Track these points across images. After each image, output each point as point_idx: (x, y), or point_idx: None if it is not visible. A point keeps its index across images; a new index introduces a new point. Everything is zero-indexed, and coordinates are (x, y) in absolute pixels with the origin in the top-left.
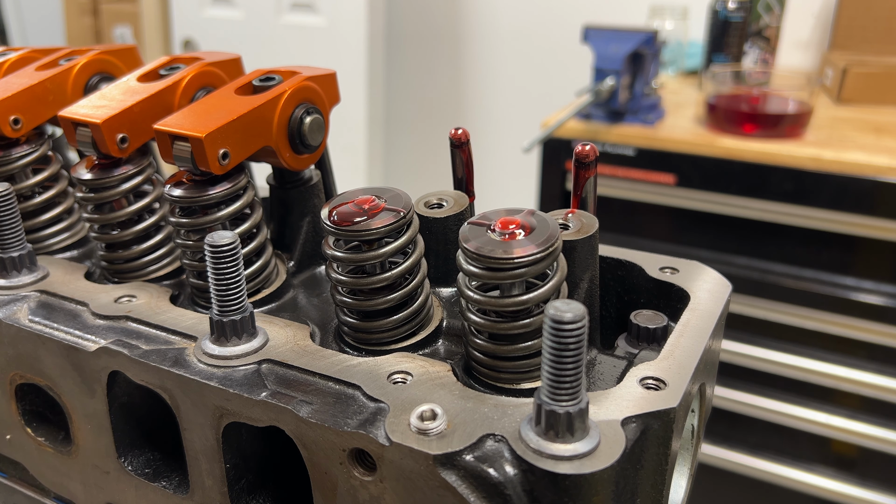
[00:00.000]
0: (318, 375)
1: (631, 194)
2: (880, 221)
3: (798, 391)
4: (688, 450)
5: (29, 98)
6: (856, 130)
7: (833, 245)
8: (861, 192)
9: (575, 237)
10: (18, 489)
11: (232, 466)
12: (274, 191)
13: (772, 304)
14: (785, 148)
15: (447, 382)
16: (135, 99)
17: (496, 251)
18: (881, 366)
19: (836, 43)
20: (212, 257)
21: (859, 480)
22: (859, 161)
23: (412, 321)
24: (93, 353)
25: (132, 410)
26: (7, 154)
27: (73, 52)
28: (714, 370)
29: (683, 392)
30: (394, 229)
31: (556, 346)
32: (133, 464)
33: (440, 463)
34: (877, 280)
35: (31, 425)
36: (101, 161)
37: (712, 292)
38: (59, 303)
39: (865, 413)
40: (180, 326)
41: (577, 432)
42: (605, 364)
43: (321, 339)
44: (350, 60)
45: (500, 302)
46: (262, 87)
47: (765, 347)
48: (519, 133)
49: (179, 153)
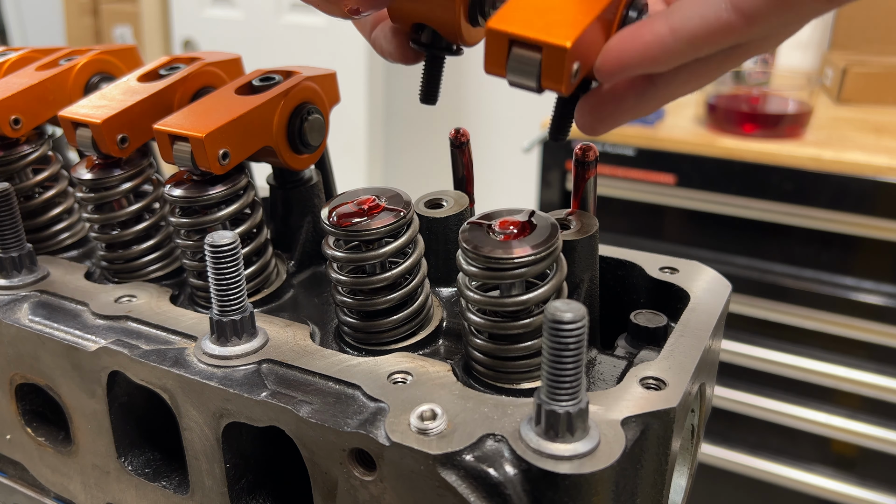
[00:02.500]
0: (318, 375)
1: (631, 194)
2: (880, 221)
3: (798, 391)
4: (688, 450)
5: (29, 98)
6: (856, 130)
7: (833, 245)
8: (861, 192)
9: (575, 237)
10: (18, 489)
11: (232, 466)
12: (274, 191)
13: (772, 304)
14: (785, 148)
15: (447, 382)
16: (135, 99)
17: (496, 251)
18: (881, 366)
19: (836, 43)
20: (212, 257)
21: (859, 480)
22: (859, 161)
23: (412, 321)
24: (93, 353)
25: (132, 410)
26: (7, 154)
27: (73, 52)
28: (714, 370)
29: (683, 392)
30: (394, 229)
31: (556, 346)
32: (133, 464)
33: (440, 463)
34: (877, 280)
35: (31, 425)
36: (101, 161)
37: (712, 292)
38: (59, 303)
39: (865, 413)
40: (180, 326)
41: (577, 432)
42: (605, 364)
43: (321, 339)
44: (350, 60)
45: (500, 302)
46: (262, 87)
47: (765, 347)
48: (519, 133)
49: (179, 153)
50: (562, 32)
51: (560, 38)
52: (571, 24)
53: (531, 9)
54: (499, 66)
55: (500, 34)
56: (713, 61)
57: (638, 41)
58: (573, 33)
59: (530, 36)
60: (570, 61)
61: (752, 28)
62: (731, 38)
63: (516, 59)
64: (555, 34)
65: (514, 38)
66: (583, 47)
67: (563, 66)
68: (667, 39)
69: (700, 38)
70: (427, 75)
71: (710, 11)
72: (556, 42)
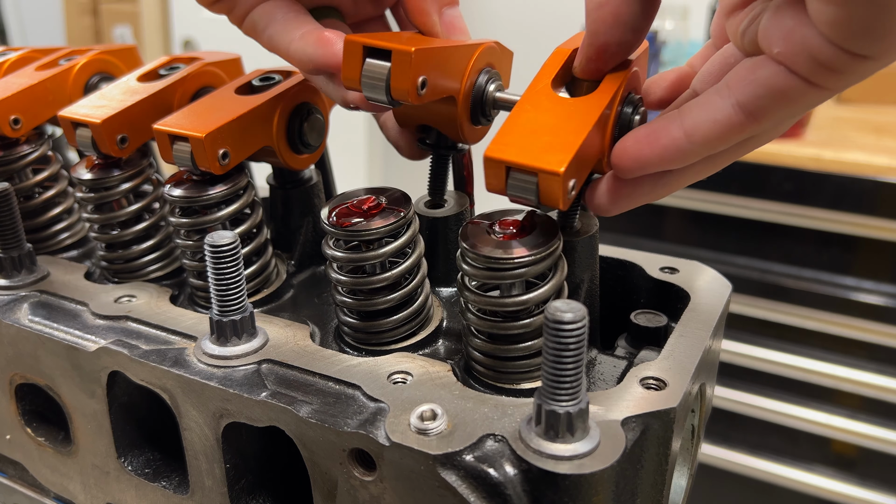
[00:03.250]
0: (318, 375)
1: None
2: (880, 221)
3: (798, 391)
4: (688, 450)
5: (29, 98)
6: (856, 130)
7: (833, 245)
8: (861, 192)
9: (575, 237)
10: (18, 489)
11: (232, 466)
12: (274, 191)
13: (772, 304)
14: (785, 148)
15: (447, 382)
16: (135, 99)
17: (496, 251)
18: (881, 366)
19: None
20: (212, 257)
21: (859, 480)
22: (859, 161)
23: (412, 321)
24: (93, 353)
25: (132, 410)
26: (7, 154)
27: (73, 52)
28: (714, 370)
29: (683, 392)
30: (394, 229)
31: (556, 346)
32: (133, 464)
33: (440, 463)
34: (877, 280)
35: (31, 425)
36: (101, 161)
37: (712, 292)
38: (59, 303)
39: (865, 413)
40: (180, 326)
41: (578, 432)
42: (605, 364)
43: (321, 339)
44: None
45: (500, 302)
46: (262, 87)
47: (765, 347)
48: None
49: (179, 153)
50: (555, 158)
51: (553, 163)
52: (565, 145)
53: (526, 131)
54: (499, 188)
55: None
56: (726, 153)
57: (656, 144)
58: (566, 157)
59: (525, 163)
60: (566, 183)
61: (759, 125)
62: (741, 136)
63: (515, 182)
64: (548, 160)
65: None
66: (579, 163)
67: (560, 188)
68: (682, 143)
69: (713, 139)
70: (434, 171)
71: (721, 115)
72: (550, 168)
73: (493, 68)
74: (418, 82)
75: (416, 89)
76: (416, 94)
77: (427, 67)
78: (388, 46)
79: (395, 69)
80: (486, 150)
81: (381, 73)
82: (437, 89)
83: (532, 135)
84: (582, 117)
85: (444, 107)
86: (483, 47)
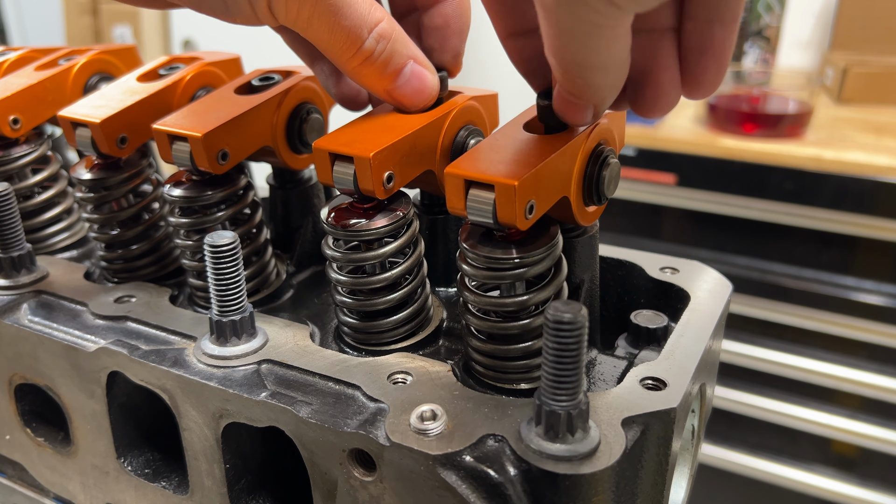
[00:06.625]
0: (318, 375)
1: (631, 194)
2: (880, 221)
3: (798, 391)
4: (688, 450)
5: (29, 98)
6: (856, 130)
7: (833, 245)
8: (861, 192)
9: (575, 237)
10: (18, 489)
11: (232, 466)
12: (274, 191)
13: (772, 304)
14: (785, 148)
15: (447, 382)
16: (134, 99)
17: (496, 251)
18: (881, 366)
19: (836, 43)
20: (211, 257)
21: (859, 480)
22: (859, 161)
23: (412, 321)
24: (92, 354)
25: (132, 411)
26: (7, 154)
27: (73, 51)
28: (714, 370)
29: (684, 392)
30: (393, 229)
31: (556, 346)
32: (133, 464)
33: (440, 463)
34: (877, 280)
35: (31, 425)
36: (101, 161)
37: (712, 292)
38: (59, 303)
39: (865, 413)
40: (180, 326)
41: (578, 432)
42: (605, 364)
43: (321, 339)
44: None
45: (500, 302)
46: (262, 87)
47: (765, 347)
48: None
49: (178, 153)
50: (513, 172)
51: (510, 177)
52: (525, 164)
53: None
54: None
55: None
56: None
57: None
58: (524, 172)
59: (483, 178)
60: (521, 198)
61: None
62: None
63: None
64: (506, 174)
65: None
66: (538, 183)
67: (515, 201)
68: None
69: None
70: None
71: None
72: (506, 181)
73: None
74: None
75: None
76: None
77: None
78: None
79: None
80: (446, 168)
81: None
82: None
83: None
84: (548, 145)
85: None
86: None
